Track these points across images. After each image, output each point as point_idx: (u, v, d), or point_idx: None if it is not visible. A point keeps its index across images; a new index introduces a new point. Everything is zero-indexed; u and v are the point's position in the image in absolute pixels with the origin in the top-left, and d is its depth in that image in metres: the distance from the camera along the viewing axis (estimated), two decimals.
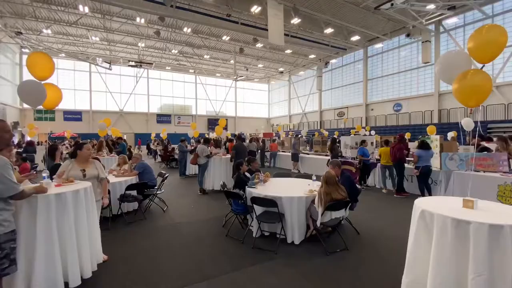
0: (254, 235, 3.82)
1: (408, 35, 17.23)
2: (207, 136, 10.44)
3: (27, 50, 22.94)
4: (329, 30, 17.72)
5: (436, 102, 17.62)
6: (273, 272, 3.01)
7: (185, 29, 18.48)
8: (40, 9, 15.73)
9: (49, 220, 2.31)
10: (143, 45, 21.56)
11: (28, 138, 18.11)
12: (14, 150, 4.87)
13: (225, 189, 4.39)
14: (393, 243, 3.77)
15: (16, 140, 17.29)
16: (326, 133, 19.05)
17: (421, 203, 2.18)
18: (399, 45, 20.09)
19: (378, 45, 21.19)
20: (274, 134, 17.89)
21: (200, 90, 32.57)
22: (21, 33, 17.94)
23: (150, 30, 18.15)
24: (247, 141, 12.34)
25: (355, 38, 19.58)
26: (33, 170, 7.99)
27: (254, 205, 3.63)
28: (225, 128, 10.40)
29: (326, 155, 10.51)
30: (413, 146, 8.90)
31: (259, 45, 20.58)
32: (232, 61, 25.07)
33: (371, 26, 18.06)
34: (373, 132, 16.18)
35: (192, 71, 29.99)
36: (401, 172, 6.78)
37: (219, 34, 19.89)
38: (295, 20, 15.69)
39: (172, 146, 14.62)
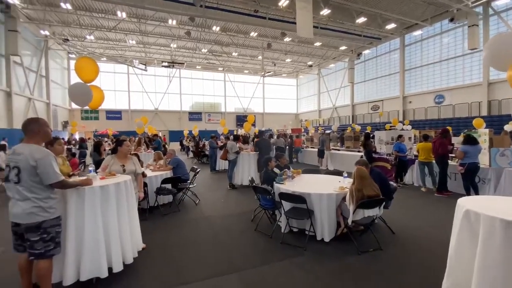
0: (282, 230, 3.82)
1: (451, 20, 15.62)
2: (236, 133, 10.67)
3: (73, 56, 25.29)
4: (361, 20, 16.81)
5: (485, 92, 15.84)
6: (303, 268, 2.99)
7: (214, 28, 18.86)
8: (83, 16, 17.19)
9: (94, 209, 2.55)
10: (175, 45, 22.47)
11: (76, 136, 20.06)
12: (65, 146, 5.43)
13: (253, 184, 4.45)
14: (432, 245, 3.52)
15: (66, 137, 19.23)
16: (358, 128, 18.22)
17: (466, 202, 2.00)
18: (441, 31, 18.35)
19: (417, 32, 19.56)
20: (302, 130, 17.58)
21: (229, 87, 33.13)
22: (67, 40, 19.80)
23: (181, 31, 18.83)
24: (275, 137, 12.32)
25: (391, 26, 18.31)
26: (81, 165, 8.86)
27: (282, 201, 3.63)
28: (253, 125, 10.47)
29: (359, 151, 10.08)
30: (457, 141, 8.15)
31: (287, 39, 20.25)
32: (259, 57, 25.04)
33: (409, 12, 16.74)
34: (409, 127, 15.10)
35: (221, 69, 30.58)
36: (444, 169, 6.23)
37: (246, 30, 19.98)
38: (325, 11, 15.15)
39: (203, 142, 15.15)
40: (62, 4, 15.09)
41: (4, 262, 3.18)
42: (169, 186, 5.32)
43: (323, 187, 3.90)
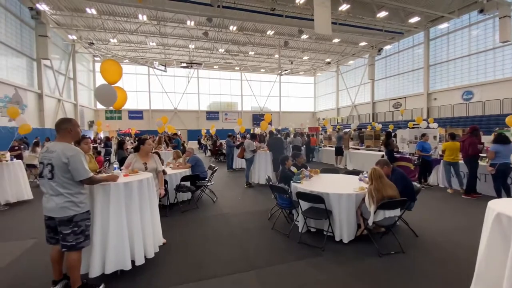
0: (300, 230, 3.80)
1: (481, 11, 14.64)
2: (252, 131, 10.71)
3: (98, 58, 26.56)
4: (382, 14, 16.21)
5: None
6: (321, 268, 2.96)
7: (230, 28, 19.01)
8: (107, 21, 17.98)
9: (119, 205, 2.67)
10: (193, 46, 22.92)
11: (101, 135, 21.06)
12: (91, 145, 5.72)
13: (270, 183, 4.45)
14: (459, 250, 3.35)
15: (92, 136, 20.26)
16: (379, 126, 17.62)
17: (497, 205, 1.88)
18: (470, 23, 17.27)
19: (443, 25, 18.54)
20: (320, 129, 17.27)
21: (245, 86, 33.27)
22: (93, 43, 20.80)
23: (199, 31, 19.15)
24: (291, 136, 12.23)
25: (414, 19, 17.48)
26: (106, 162, 9.31)
27: (300, 201, 3.60)
28: (270, 123, 10.45)
29: (379, 151, 9.77)
30: (487, 140, 7.66)
31: (304, 36, 19.99)
32: (276, 56, 24.93)
33: (434, 5, 15.91)
34: (435, 125, 14.37)
35: (238, 68, 30.79)
36: (474, 170, 5.87)
37: (263, 29, 19.94)
38: (344, 7, 14.77)
39: (220, 141, 15.36)
40: (88, 10, 15.88)
41: (38, 253, 3.43)
42: (188, 183, 5.45)
43: (342, 187, 3.82)
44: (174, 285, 2.67)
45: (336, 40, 21.83)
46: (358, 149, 11.48)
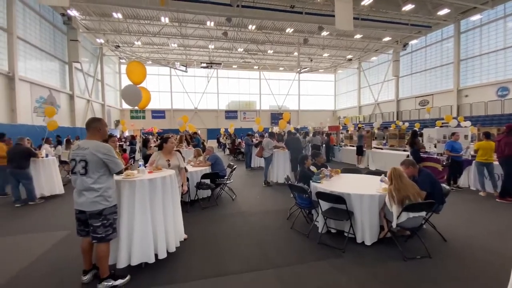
0: (319, 230, 3.73)
1: None
2: (270, 130, 10.70)
3: (123, 61, 27.79)
4: (408, 7, 15.47)
5: None
6: (342, 270, 2.89)
7: (249, 27, 19.06)
8: (132, 24, 18.74)
9: (144, 200, 2.79)
10: (212, 46, 23.27)
11: (126, 133, 22.02)
12: (117, 143, 6.02)
13: (289, 182, 4.41)
14: (491, 256, 3.12)
15: (117, 134, 21.27)
16: (404, 125, 16.86)
17: None
18: (505, 14, 15.96)
19: (475, 17, 17.29)
20: (341, 127, 16.84)
21: (264, 85, 33.25)
22: (119, 46, 21.79)
23: (218, 32, 19.40)
24: (310, 135, 12.04)
25: (444, 12, 16.49)
26: (131, 159, 9.74)
27: (320, 201, 3.54)
28: (288, 122, 10.35)
29: (404, 150, 9.36)
30: None
31: (324, 33, 19.57)
32: (295, 53, 24.64)
33: None
34: (467, 123, 13.47)
35: (256, 67, 30.84)
36: (509, 171, 5.45)
37: (282, 27, 19.78)
38: (366, 1, 14.28)
39: (239, 140, 15.48)
40: (114, 14, 16.66)
41: (70, 244, 3.66)
42: (208, 181, 5.56)
43: (364, 188, 3.71)
44: (194, 280, 2.74)
45: (358, 36, 21.16)
46: (381, 148, 11.07)
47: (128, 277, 2.67)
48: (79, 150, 2.47)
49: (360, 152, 10.30)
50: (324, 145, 11.92)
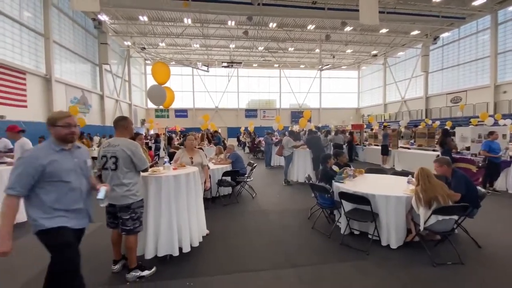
0: (342, 232, 3.65)
1: None
2: (290, 129, 10.61)
3: (149, 62, 28.94)
4: None
5: None
6: (365, 272, 2.81)
7: (270, 25, 18.98)
8: (156, 26, 19.44)
9: (169, 195, 2.91)
10: (233, 46, 23.48)
11: (151, 131, 22.94)
12: (144, 140, 6.28)
13: (310, 181, 4.35)
14: None
15: (143, 133, 22.23)
16: (436, 123, 15.92)
17: None
18: None
19: None
20: (365, 126, 16.27)
21: (284, 83, 33.01)
22: (144, 48, 22.71)
23: (239, 31, 19.55)
24: (332, 133, 11.75)
25: (479, 2, 15.31)
26: (156, 157, 10.13)
27: (343, 201, 3.45)
28: (309, 120, 10.20)
29: (434, 150, 8.85)
30: None
31: (348, 28, 18.97)
32: (317, 50, 24.15)
33: None
34: (507, 121, 12.43)
35: (277, 65, 30.68)
36: None
37: (304, 24, 19.48)
38: None
39: (259, 138, 15.53)
40: (140, 17, 17.38)
41: (100, 235, 3.89)
42: (228, 178, 5.64)
43: (390, 189, 3.56)
44: (216, 275, 2.80)
45: (383, 31, 20.27)
46: (408, 148, 10.55)
47: (154, 269, 2.80)
48: (110, 147, 2.62)
49: (385, 151, 9.90)
50: (346, 144, 11.59)
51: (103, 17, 17.15)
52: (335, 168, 4.30)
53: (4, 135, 5.50)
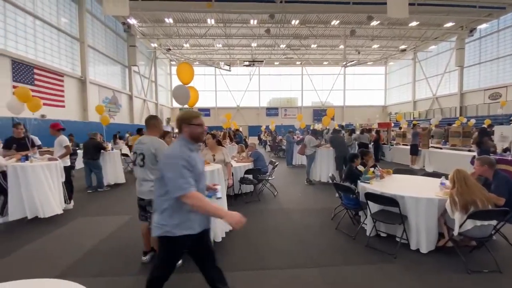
0: (368, 233, 3.53)
1: None
2: (312, 127, 10.44)
3: (174, 62, 29.91)
4: None
5: None
6: (392, 276, 2.70)
7: (293, 22, 18.75)
8: (181, 28, 20.03)
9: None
10: (255, 44, 23.54)
11: (176, 130, 23.79)
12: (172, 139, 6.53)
13: (334, 181, 4.25)
14: None
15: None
16: (471, 121, 14.83)
17: None
18: None
19: None
20: (392, 124, 15.55)
21: (306, 81, 32.49)
22: (170, 49, 23.49)
23: (261, 29, 19.56)
24: (357, 132, 11.37)
25: None
26: None
27: (369, 202, 3.34)
28: (332, 119, 9.94)
29: (469, 151, 8.26)
30: None
31: (374, 23, 18.20)
32: (341, 46, 23.47)
33: None
34: None
35: (299, 63, 30.27)
36: None
37: (327, 19, 19.00)
38: None
39: (280, 137, 15.46)
40: (166, 19, 18.00)
41: (131, 227, 4.13)
42: (250, 176, 5.69)
43: (421, 190, 3.38)
44: (238, 271, 2.85)
45: (413, 24, 19.14)
46: (441, 148, 9.93)
47: (180, 261, 2.90)
48: (139, 145, 2.76)
49: (414, 151, 9.40)
50: (372, 144, 11.15)
51: (132, 21, 18.01)
52: (360, 168, 4.17)
53: (42, 133, 6.00)
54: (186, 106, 5.30)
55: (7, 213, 4.45)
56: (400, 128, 14.50)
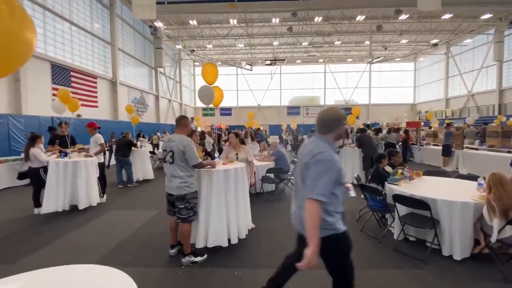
0: (395, 237, 3.40)
1: None
2: None
3: (197, 63, 30.67)
4: None
5: None
6: (422, 283, 2.58)
7: (316, 19, 18.39)
8: (204, 29, 20.47)
9: (219, 189, 3.09)
10: (277, 43, 23.42)
11: (199, 129, 24.39)
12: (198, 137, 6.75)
13: (359, 182, 4.14)
14: None
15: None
16: (510, 121, 13.65)
17: None
18: None
19: None
20: (422, 123, 14.73)
21: (329, 79, 31.73)
22: (194, 50, 24.10)
23: (283, 28, 19.42)
24: (384, 131, 10.89)
25: None
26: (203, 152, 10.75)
27: (397, 204, 3.21)
28: (356, 117, 9.61)
29: (509, 152, 7.62)
30: None
31: (403, 17, 17.29)
32: (366, 42, 22.61)
33: None
34: None
35: (322, 60, 29.64)
36: None
37: (352, 15, 18.39)
38: None
39: (302, 136, 15.29)
40: (190, 21, 18.50)
41: (159, 222, 4.33)
42: (272, 175, 5.70)
43: (454, 194, 3.19)
44: (262, 268, 2.87)
45: (446, 16, 17.88)
46: (477, 149, 9.25)
47: (205, 256, 3.01)
48: (169, 142, 2.89)
49: (447, 152, 8.83)
50: (400, 144, 10.62)
51: (158, 24, 18.74)
52: (388, 168, 4.02)
53: (78, 131, 6.46)
54: (211, 105, 5.43)
55: None
56: (430, 127, 13.69)
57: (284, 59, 25.49)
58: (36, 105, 9.61)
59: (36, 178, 4.78)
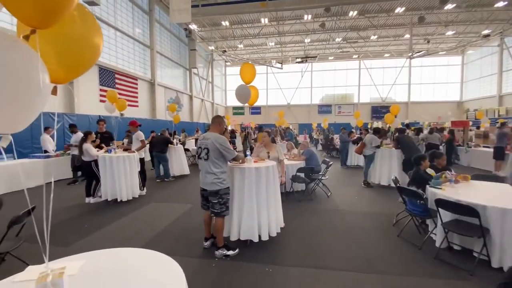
0: (437, 244, 3.17)
1: None
2: (370, 126, 9.70)
3: (228, 63, 31.32)
4: None
5: None
6: None
7: (350, 14, 17.64)
8: (236, 29, 20.80)
9: (251, 185, 3.16)
10: (308, 40, 22.94)
11: (229, 127, 24.93)
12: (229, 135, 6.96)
13: (398, 185, 3.92)
14: None
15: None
16: None
17: None
18: None
19: None
20: (470, 123, 13.38)
21: (364, 75, 30.23)
22: (225, 51, 24.63)
23: (315, 24, 18.96)
24: (425, 131, 10.10)
25: None
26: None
27: (440, 209, 2.99)
28: (395, 116, 9.02)
29: None
30: None
31: (449, 6, 15.81)
32: (406, 35, 21.10)
33: None
34: None
35: (356, 56, 28.36)
36: None
37: (390, 7, 17.28)
38: None
39: (333, 135, 14.83)
40: (222, 23, 18.94)
41: (194, 215, 4.55)
42: (302, 175, 5.64)
43: (507, 201, 2.88)
44: (292, 266, 2.89)
45: (500, 4, 15.85)
46: None
47: (237, 250, 3.11)
48: (204, 140, 3.03)
49: (499, 155, 7.92)
50: (444, 145, 9.77)
51: (192, 26, 19.49)
52: (429, 171, 3.75)
53: (120, 129, 7.00)
54: (246, 104, 5.55)
55: (97, 195, 5.39)
56: (479, 127, 12.39)
57: (316, 56, 24.85)
58: (87, 105, 10.65)
59: (88, 171, 5.31)
